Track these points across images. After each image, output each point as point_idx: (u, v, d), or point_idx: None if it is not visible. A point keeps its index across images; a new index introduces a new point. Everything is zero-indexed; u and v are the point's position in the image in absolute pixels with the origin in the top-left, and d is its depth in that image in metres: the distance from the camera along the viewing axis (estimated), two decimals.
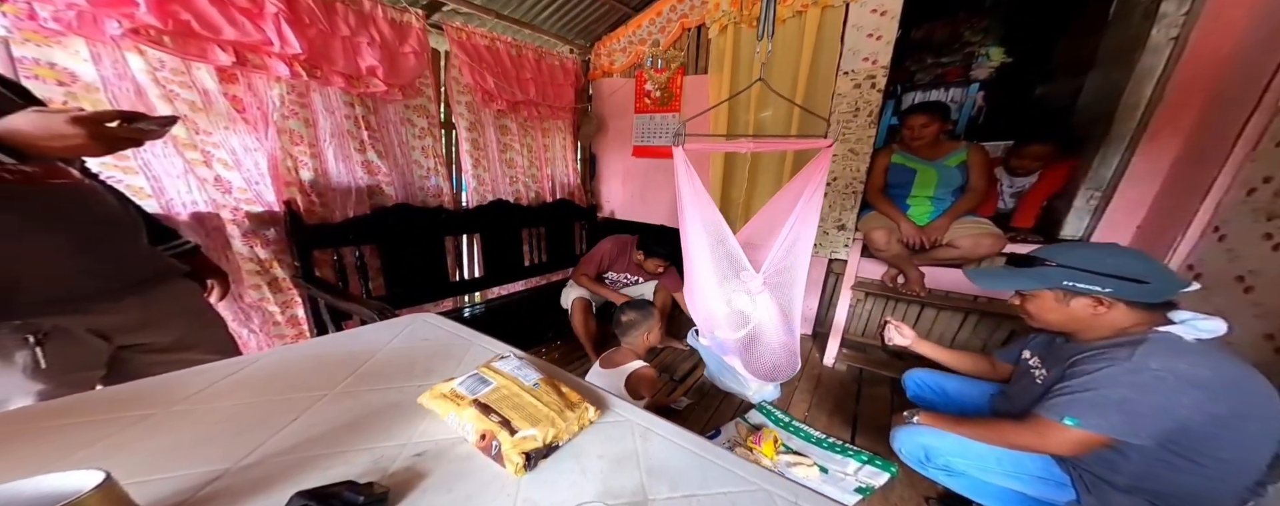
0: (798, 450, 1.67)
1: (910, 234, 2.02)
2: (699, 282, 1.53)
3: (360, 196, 1.77)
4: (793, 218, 1.41)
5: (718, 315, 1.54)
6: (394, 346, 0.98)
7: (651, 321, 1.59)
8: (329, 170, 1.66)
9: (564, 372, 0.91)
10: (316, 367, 0.84)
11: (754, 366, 1.54)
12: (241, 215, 1.41)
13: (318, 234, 1.61)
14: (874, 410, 1.98)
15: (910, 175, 2.06)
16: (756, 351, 1.55)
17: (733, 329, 1.54)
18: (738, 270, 1.43)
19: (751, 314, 1.53)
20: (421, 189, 2.05)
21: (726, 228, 1.40)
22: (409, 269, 1.98)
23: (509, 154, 2.50)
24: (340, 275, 1.74)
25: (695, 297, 1.60)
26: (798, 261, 1.53)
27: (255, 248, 1.45)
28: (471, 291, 2.42)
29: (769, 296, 1.49)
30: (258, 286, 1.48)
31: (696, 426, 1.81)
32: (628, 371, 1.48)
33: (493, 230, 2.37)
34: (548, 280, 2.81)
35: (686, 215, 1.45)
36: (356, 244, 1.76)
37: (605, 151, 3.17)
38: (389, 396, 0.77)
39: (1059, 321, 1.09)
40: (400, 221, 1.90)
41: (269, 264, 1.51)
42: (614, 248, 2.34)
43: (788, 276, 1.52)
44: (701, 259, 1.46)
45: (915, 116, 2.01)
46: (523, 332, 2.43)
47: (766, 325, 1.52)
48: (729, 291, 1.51)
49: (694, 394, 2.06)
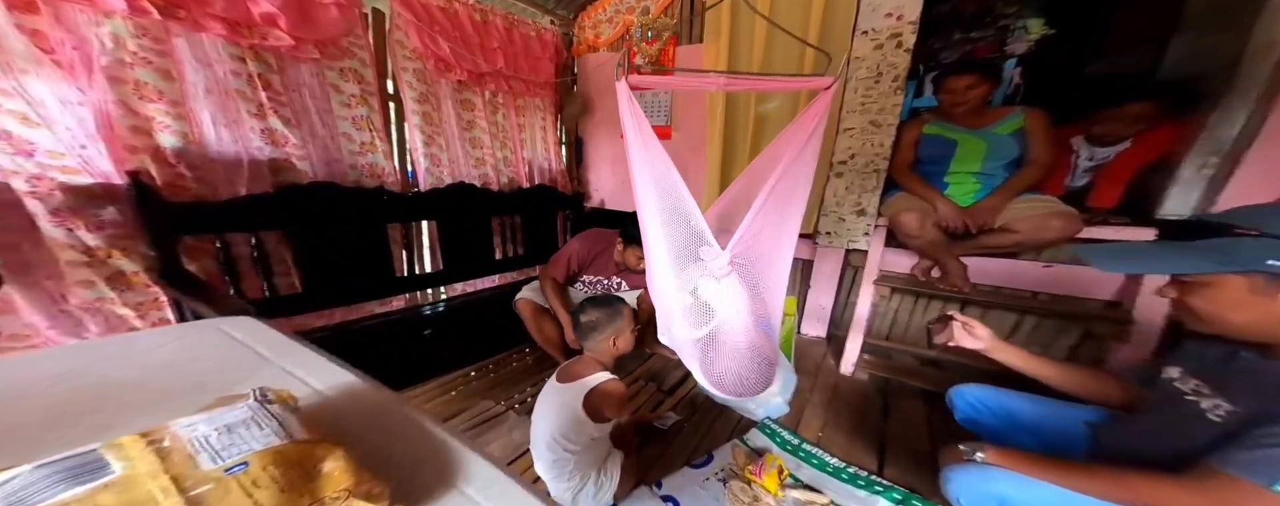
0: (809, 483, 1.24)
1: (951, 216, 1.49)
2: (654, 264, 1.08)
3: (257, 171, 1.33)
4: (774, 176, 0.95)
5: (675, 308, 1.07)
6: (128, 365, 0.55)
7: (619, 322, 1.13)
8: (205, 136, 1.21)
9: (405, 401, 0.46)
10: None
11: (714, 375, 1.09)
12: (51, 188, 0.97)
13: (188, 216, 1.16)
14: (905, 430, 1.47)
15: (949, 148, 1.54)
16: (717, 355, 1.08)
17: (692, 326, 1.07)
18: (698, 245, 0.97)
19: (716, 306, 1.05)
20: (353, 166, 1.60)
21: (683, 188, 0.94)
22: (337, 261, 1.53)
23: (474, 132, 2.04)
24: (228, 269, 1.29)
25: (653, 284, 1.15)
26: (780, 236, 1.08)
27: (78, 231, 1.01)
28: (426, 288, 1.96)
29: (737, 281, 1.04)
30: (90, 283, 1.04)
31: (685, 450, 1.34)
32: (588, 387, 1.03)
33: (453, 217, 1.91)
34: (526, 275, 2.35)
35: (636, 173, 0.98)
36: (252, 229, 1.32)
37: (593, 134, 2.69)
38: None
39: (1251, 324, 0.66)
40: (321, 204, 1.45)
41: (105, 254, 1.06)
42: (587, 245, 1.78)
43: (765, 254, 1.06)
44: (654, 231, 1.01)
45: (958, 77, 1.48)
46: (490, 336, 1.99)
47: (731, 320, 1.06)
48: (692, 277, 1.03)
49: (684, 408, 1.57)
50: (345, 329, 1.52)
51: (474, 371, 1.86)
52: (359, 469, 0.34)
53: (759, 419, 1.49)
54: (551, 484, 1.07)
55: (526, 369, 1.91)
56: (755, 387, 1.11)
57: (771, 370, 1.15)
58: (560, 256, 1.79)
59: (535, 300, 1.77)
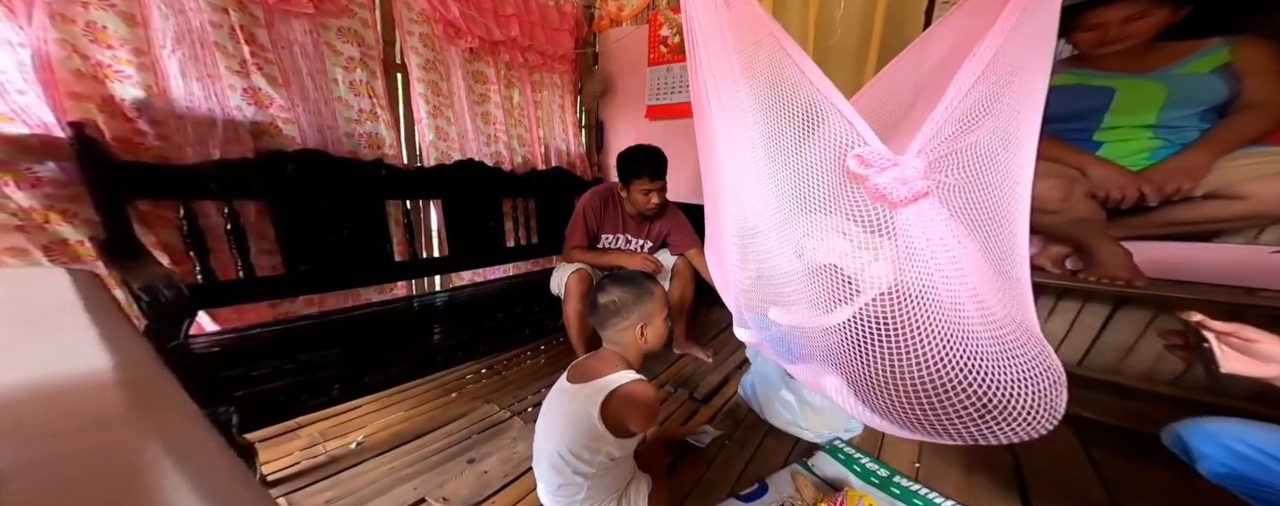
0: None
1: (1116, 183, 1.12)
2: (724, 211, 0.72)
3: (235, 133, 1.17)
4: (991, 41, 0.47)
5: (777, 276, 0.67)
6: None
7: (649, 306, 0.85)
8: (171, 90, 1.07)
9: None
10: None
11: (892, 402, 0.58)
12: None
13: (143, 177, 1.00)
14: (1055, 468, 1.11)
15: (1099, 99, 1.18)
16: (898, 361, 0.56)
17: (818, 305, 0.62)
18: (842, 152, 0.51)
19: (872, 272, 0.57)
20: (349, 135, 1.43)
21: (807, 65, 0.52)
22: (327, 240, 1.36)
23: (485, 106, 1.86)
24: (194, 243, 1.11)
25: (721, 236, 0.79)
26: (1017, 135, 0.57)
27: (7, 188, 0.85)
28: (429, 275, 1.77)
29: (934, 214, 0.52)
30: (21, 250, 0.88)
31: (729, 475, 1.06)
32: (607, 389, 0.77)
33: (460, 197, 1.72)
34: (539, 266, 2.14)
35: (705, 56, 0.66)
36: (225, 198, 1.15)
37: (614, 115, 2.47)
38: None
39: None
40: (310, 173, 1.28)
41: (42, 218, 0.90)
42: (595, 199, 1.63)
43: (991, 164, 0.54)
44: (742, 141, 0.63)
45: (1111, 8, 1.10)
46: (498, 332, 1.77)
47: (938, 290, 0.53)
48: (809, 221, 0.60)
49: (724, 422, 1.28)
50: (335, 317, 1.34)
51: (484, 369, 1.66)
52: None
53: (825, 441, 1.17)
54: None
55: (537, 370, 1.67)
56: (1008, 430, 0.52)
57: (1055, 391, 0.53)
58: (575, 220, 1.64)
59: (589, 270, 1.56)
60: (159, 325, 0.81)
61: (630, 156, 1.54)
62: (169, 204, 1.08)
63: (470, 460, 1.11)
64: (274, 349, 1.10)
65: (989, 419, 0.52)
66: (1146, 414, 1.24)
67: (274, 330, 1.15)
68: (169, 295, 0.82)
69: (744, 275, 0.76)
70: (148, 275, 0.78)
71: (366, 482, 1.02)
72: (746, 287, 0.77)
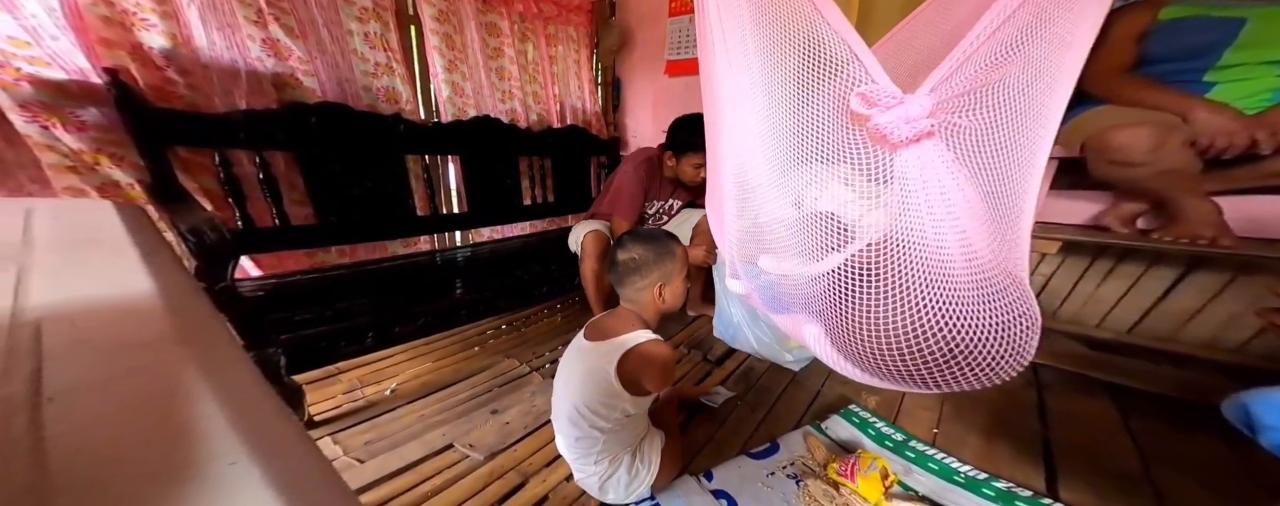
0: (929, 495, 0.91)
1: (1228, 129, 0.99)
2: (722, 158, 0.72)
3: (258, 84, 1.18)
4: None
5: (772, 223, 0.67)
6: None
7: (669, 265, 0.85)
8: (194, 39, 1.08)
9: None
10: None
11: (865, 350, 0.59)
12: (16, 77, 0.85)
13: (181, 125, 1.03)
14: (1088, 438, 1.08)
15: (1227, 32, 1.03)
16: (877, 307, 0.57)
17: (809, 253, 0.63)
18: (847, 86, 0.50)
19: (868, 220, 0.58)
20: (367, 89, 1.44)
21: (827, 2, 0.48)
22: (353, 193, 1.40)
23: (499, 61, 1.83)
24: (232, 191, 1.17)
25: (720, 186, 0.78)
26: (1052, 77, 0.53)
27: (55, 130, 0.91)
28: (450, 230, 1.81)
29: (937, 156, 0.51)
30: (79, 190, 0.94)
31: (740, 434, 1.09)
32: (623, 348, 0.79)
33: (478, 154, 1.73)
34: (555, 225, 2.17)
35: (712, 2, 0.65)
36: (256, 147, 1.18)
37: (631, 72, 2.40)
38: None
39: None
40: (332, 126, 1.30)
41: (92, 160, 0.96)
42: (642, 173, 1.57)
43: (1017, 109, 0.51)
44: (747, 88, 0.62)
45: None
46: (517, 289, 1.83)
47: (926, 234, 0.53)
48: (813, 170, 0.59)
49: (738, 383, 1.32)
50: (366, 268, 1.41)
51: (504, 325, 1.73)
52: None
53: (789, 365, 1.21)
54: (574, 464, 0.89)
55: (555, 327, 1.74)
56: (980, 376, 0.55)
57: (1024, 340, 0.55)
58: (622, 191, 1.55)
59: (606, 232, 1.56)
60: (206, 266, 0.87)
61: (689, 127, 1.44)
62: (205, 151, 1.12)
63: (493, 411, 1.17)
64: (312, 296, 1.17)
65: (954, 364, 0.55)
66: (1200, 383, 1.20)
67: (311, 278, 1.22)
68: (213, 237, 0.87)
69: (741, 225, 0.76)
70: (193, 218, 0.83)
71: (400, 427, 1.10)
72: (741, 237, 0.77)
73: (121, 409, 0.21)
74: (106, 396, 0.22)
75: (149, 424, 0.20)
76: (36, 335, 0.26)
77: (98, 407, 0.21)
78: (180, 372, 0.24)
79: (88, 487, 0.16)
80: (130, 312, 0.31)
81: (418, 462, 0.98)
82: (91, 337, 0.27)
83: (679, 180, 1.59)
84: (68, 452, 0.18)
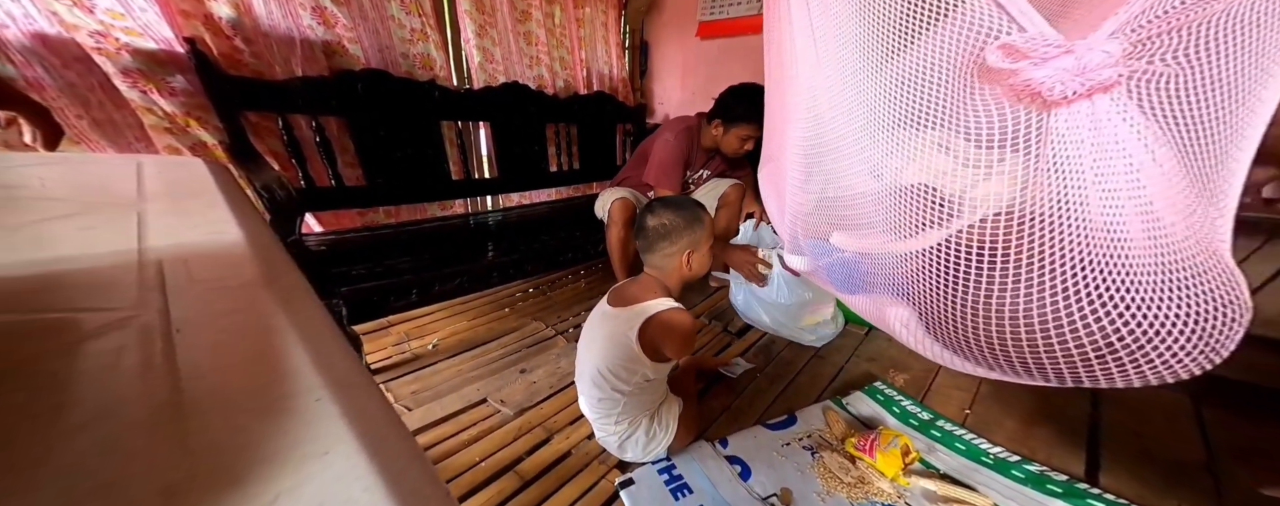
0: (952, 474, 0.91)
1: None
2: (805, 115, 0.62)
3: (310, 52, 1.27)
4: None
5: (847, 197, 0.63)
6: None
7: (698, 233, 0.86)
8: (255, 9, 1.16)
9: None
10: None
11: (972, 337, 0.51)
12: (117, 47, 0.96)
13: (249, 91, 1.14)
14: (1144, 426, 1.02)
15: None
16: (997, 291, 0.48)
17: (897, 229, 0.57)
18: (976, 45, 0.42)
19: (978, 192, 0.48)
20: (404, 56, 1.51)
21: None
22: (395, 157, 1.50)
23: (527, 25, 1.85)
24: (294, 153, 1.29)
25: (782, 157, 0.73)
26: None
27: (152, 95, 1.02)
28: (482, 195, 1.92)
29: (1121, 115, 0.40)
30: (175, 150, 1.07)
31: (757, 405, 1.14)
32: (645, 314, 0.81)
33: (506, 121, 1.81)
34: (580, 192, 2.25)
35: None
36: (312, 112, 1.29)
37: (660, 35, 2.38)
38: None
39: None
40: (376, 93, 1.40)
41: (184, 122, 1.08)
42: (683, 144, 1.52)
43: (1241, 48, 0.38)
44: (830, 48, 0.56)
45: None
46: (544, 254, 1.94)
47: (1089, 208, 0.43)
48: (897, 137, 0.53)
49: (758, 355, 1.37)
50: (408, 228, 1.54)
51: (531, 288, 1.85)
52: None
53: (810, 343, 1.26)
54: (596, 424, 0.95)
55: (578, 293, 1.86)
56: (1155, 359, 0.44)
57: (1216, 313, 0.43)
58: (666, 163, 1.50)
59: (633, 200, 1.58)
60: (278, 220, 1.00)
61: (745, 97, 1.37)
62: (270, 116, 1.24)
63: (522, 370, 1.28)
64: (365, 252, 1.30)
65: (1115, 358, 0.45)
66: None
67: (363, 235, 1.36)
68: (282, 194, 0.99)
69: (805, 198, 0.72)
70: (264, 176, 0.95)
71: (442, 380, 1.22)
72: (806, 211, 0.74)
73: (230, 342, 0.25)
74: (217, 331, 0.26)
75: (252, 357, 0.24)
76: (160, 273, 0.31)
77: (213, 339, 0.25)
78: (271, 313, 0.28)
79: (210, 409, 0.19)
80: (227, 257, 0.36)
81: (456, 413, 1.09)
82: (203, 277, 0.32)
83: (717, 150, 1.57)
84: (193, 376, 0.21)
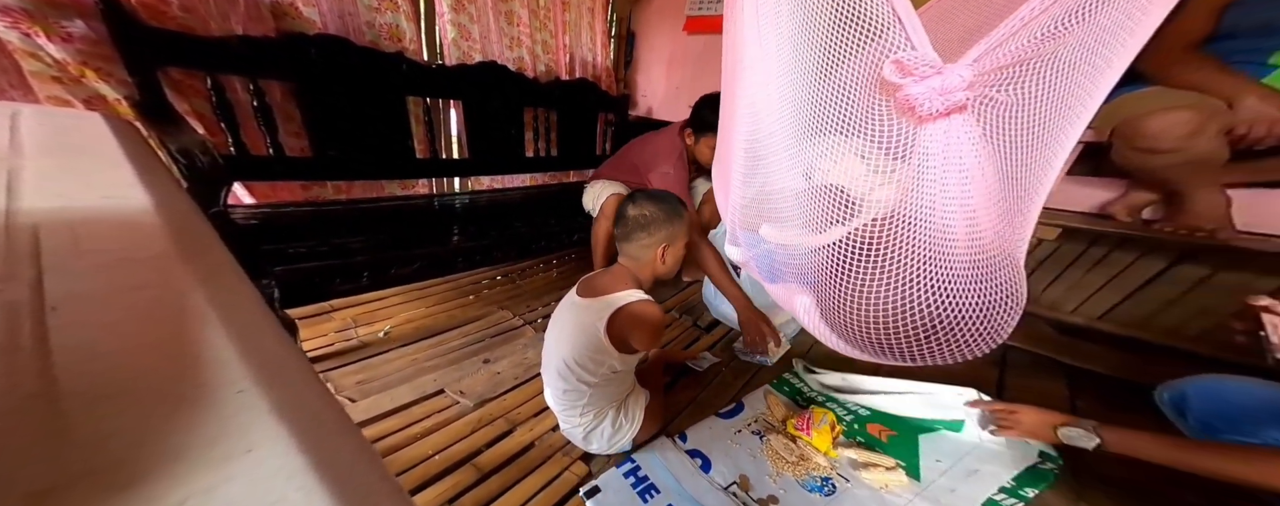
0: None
1: (1275, 117, 0.95)
2: (751, 113, 0.66)
3: (256, 11, 1.13)
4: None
5: (778, 193, 0.66)
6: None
7: (676, 227, 0.85)
8: None
9: None
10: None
11: (850, 321, 0.61)
12: None
13: (171, 45, 1.01)
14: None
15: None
16: (869, 282, 0.58)
17: (812, 224, 0.62)
18: (883, 53, 0.47)
19: (877, 195, 0.56)
20: (370, 24, 1.38)
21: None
22: (350, 130, 1.37)
23: (509, 4, 1.74)
24: (224, 116, 1.15)
25: (729, 152, 0.76)
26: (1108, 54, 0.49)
27: (37, 38, 0.88)
28: (449, 175, 1.80)
29: (967, 132, 0.49)
30: (63, 101, 0.94)
31: (721, 398, 1.15)
32: (614, 306, 0.80)
33: (481, 100, 1.70)
34: (557, 179, 2.15)
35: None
36: (251, 74, 1.15)
37: (647, 27, 2.30)
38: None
39: None
40: (333, 59, 1.26)
41: (77, 71, 0.94)
42: (680, 168, 1.45)
43: (1063, 87, 0.49)
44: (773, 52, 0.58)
45: None
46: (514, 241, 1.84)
47: (934, 213, 0.53)
48: (829, 141, 0.56)
49: (724, 350, 1.37)
50: (362, 205, 1.41)
51: (500, 275, 1.75)
52: None
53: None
54: (561, 415, 0.93)
55: (550, 282, 1.77)
56: (965, 347, 0.56)
57: (1002, 303, 0.57)
58: (679, 180, 1.42)
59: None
60: (198, 188, 0.87)
61: (714, 107, 1.32)
62: (197, 74, 1.10)
63: (485, 360, 1.21)
64: (307, 229, 1.18)
65: (934, 340, 0.57)
66: (1148, 368, 1.22)
67: (305, 210, 1.23)
68: (205, 160, 0.87)
69: (746, 192, 0.75)
70: (184, 140, 0.83)
71: (392, 370, 1.13)
72: (745, 204, 0.77)
73: (129, 323, 0.21)
74: (113, 310, 0.21)
75: (157, 342, 0.20)
76: (35, 240, 0.26)
77: (104, 320, 0.20)
78: (187, 292, 0.24)
79: (98, 400, 0.16)
80: (131, 226, 0.30)
81: (408, 405, 1.01)
82: (94, 248, 0.27)
83: (696, 159, 1.50)
84: (74, 363, 0.18)
